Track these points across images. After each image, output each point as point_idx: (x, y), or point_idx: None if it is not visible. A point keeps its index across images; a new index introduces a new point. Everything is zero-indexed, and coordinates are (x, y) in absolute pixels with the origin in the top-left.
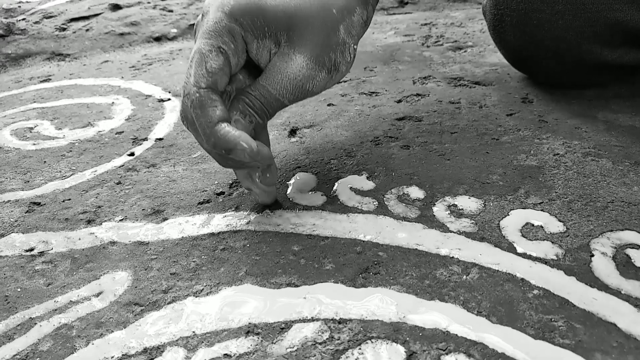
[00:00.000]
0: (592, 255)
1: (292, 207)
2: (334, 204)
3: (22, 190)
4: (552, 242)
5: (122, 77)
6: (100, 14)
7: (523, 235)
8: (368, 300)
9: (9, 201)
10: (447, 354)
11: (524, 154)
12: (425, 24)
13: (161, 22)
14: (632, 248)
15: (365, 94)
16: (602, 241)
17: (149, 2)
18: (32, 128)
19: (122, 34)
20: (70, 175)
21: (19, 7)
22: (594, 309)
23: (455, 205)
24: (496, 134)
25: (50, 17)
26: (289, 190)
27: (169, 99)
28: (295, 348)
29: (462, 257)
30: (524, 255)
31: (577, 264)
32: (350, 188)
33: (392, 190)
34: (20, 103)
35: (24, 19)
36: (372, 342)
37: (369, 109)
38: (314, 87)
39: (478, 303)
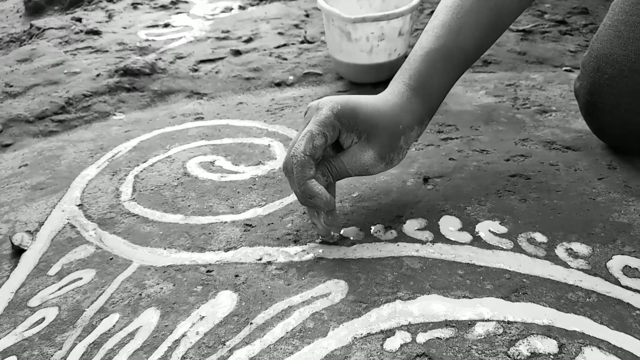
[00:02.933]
0: None
1: (446, 242)
2: (479, 242)
3: (232, 214)
4: None
5: (265, 121)
6: (224, 57)
7: (624, 274)
8: (523, 309)
9: (226, 222)
10: (585, 346)
11: (617, 212)
12: (510, 85)
13: (279, 69)
14: None
15: (477, 151)
16: None
17: (264, 50)
18: (213, 162)
19: (247, 79)
20: (265, 204)
21: (150, 45)
22: None
23: (572, 249)
24: (592, 195)
25: (182, 57)
26: (441, 227)
27: None
28: (482, 337)
29: (584, 286)
30: (626, 287)
31: None
32: (489, 231)
33: (522, 234)
34: (191, 139)
35: (160, 59)
36: (533, 336)
37: (485, 165)
38: (373, 172)
39: (600, 317)
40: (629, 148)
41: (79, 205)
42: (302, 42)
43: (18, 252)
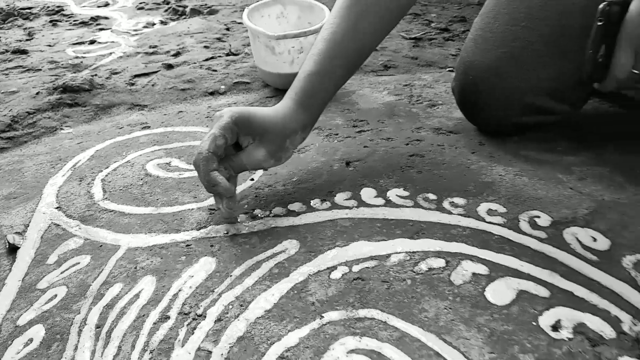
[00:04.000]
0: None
1: (367, 205)
2: (390, 203)
3: (196, 202)
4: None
5: (206, 126)
6: (158, 71)
7: (488, 214)
8: (422, 243)
9: (192, 209)
10: (463, 260)
11: (484, 175)
12: (406, 85)
13: (211, 79)
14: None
15: (384, 139)
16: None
17: (194, 63)
18: (169, 163)
19: (183, 89)
20: None
21: (81, 62)
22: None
23: (453, 202)
24: (467, 164)
25: (117, 73)
26: (363, 195)
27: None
28: (396, 263)
29: (462, 224)
30: (489, 223)
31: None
32: (396, 195)
33: (419, 195)
34: (144, 145)
35: (96, 75)
36: (429, 258)
37: (390, 149)
38: (265, 166)
39: (472, 242)
40: (492, 130)
41: (57, 207)
42: (227, 55)
43: (12, 250)
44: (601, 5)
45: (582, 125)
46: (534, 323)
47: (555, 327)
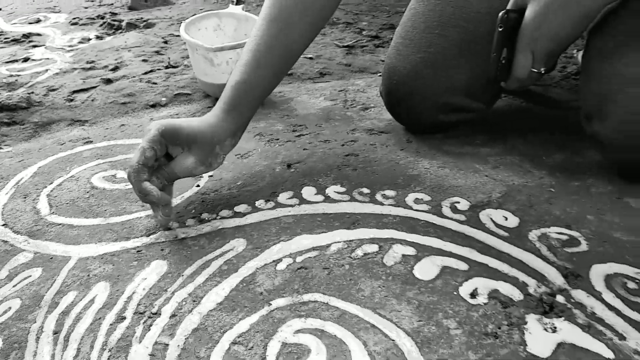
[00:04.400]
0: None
1: (308, 202)
2: (329, 199)
3: (144, 211)
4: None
5: None
6: (96, 86)
7: (415, 203)
8: (358, 233)
9: (141, 217)
10: (394, 244)
11: (411, 169)
12: (341, 90)
13: (151, 92)
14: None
15: (322, 141)
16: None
17: (134, 77)
18: (114, 175)
19: (124, 103)
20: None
21: (16, 80)
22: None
23: (385, 194)
24: (397, 160)
25: (54, 89)
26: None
27: None
28: (335, 251)
29: (392, 213)
30: (416, 210)
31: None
32: (334, 192)
33: (355, 190)
34: (88, 160)
35: (32, 92)
36: (364, 245)
37: (328, 150)
38: (196, 173)
39: (401, 228)
40: (418, 129)
41: (3, 225)
42: (167, 67)
43: None
44: (500, 14)
45: (496, 121)
46: (455, 293)
47: (473, 294)
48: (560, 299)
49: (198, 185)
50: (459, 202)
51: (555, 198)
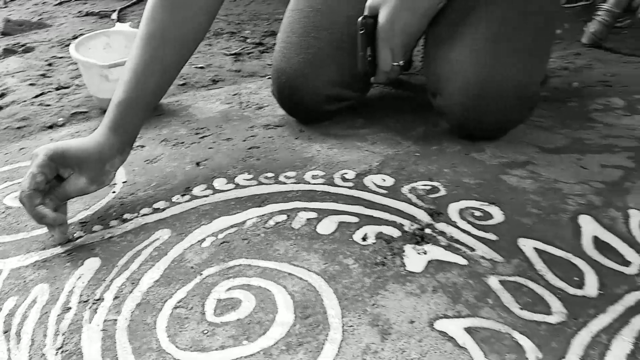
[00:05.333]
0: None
1: (221, 192)
2: (239, 186)
3: (68, 218)
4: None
5: None
6: None
7: (312, 178)
8: (268, 208)
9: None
10: (298, 212)
11: (305, 152)
12: (235, 94)
13: (46, 114)
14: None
15: (224, 140)
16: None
17: (24, 101)
18: None
19: (19, 127)
20: (89, 207)
21: None
22: None
23: (287, 175)
24: (293, 147)
25: None
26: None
27: None
28: (250, 225)
29: (294, 189)
30: (283, 184)
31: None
32: (243, 179)
33: (261, 176)
34: None
35: None
36: (274, 216)
37: (232, 146)
38: (88, 191)
39: (294, 197)
40: (308, 119)
41: None
42: (57, 89)
43: None
44: (359, 19)
45: (372, 106)
46: (350, 239)
47: (364, 238)
48: (428, 231)
49: (114, 192)
50: (347, 173)
51: (420, 160)
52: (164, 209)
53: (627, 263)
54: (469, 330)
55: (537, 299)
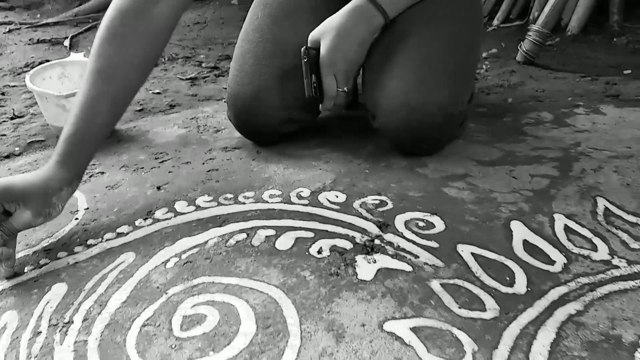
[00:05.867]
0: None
1: (182, 214)
2: (199, 208)
3: (29, 248)
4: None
5: None
6: None
7: (270, 197)
8: (228, 228)
9: (28, 254)
10: (259, 231)
11: (263, 172)
12: (192, 118)
13: (2, 144)
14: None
15: (184, 163)
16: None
17: None
18: None
19: None
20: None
21: None
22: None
23: (246, 195)
24: (251, 168)
25: None
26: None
27: None
28: (213, 245)
29: (252, 208)
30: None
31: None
32: (203, 201)
33: (220, 197)
34: None
35: None
36: (234, 236)
37: (191, 170)
38: (35, 224)
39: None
40: (264, 141)
41: None
42: (12, 118)
43: None
44: (302, 49)
45: (325, 127)
46: (307, 253)
47: (319, 251)
48: (377, 242)
49: (77, 219)
50: (302, 191)
51: (369, 176)
52: (127, 233)
53: (552, 262)
54: (414, 329)
55: (474, 298)
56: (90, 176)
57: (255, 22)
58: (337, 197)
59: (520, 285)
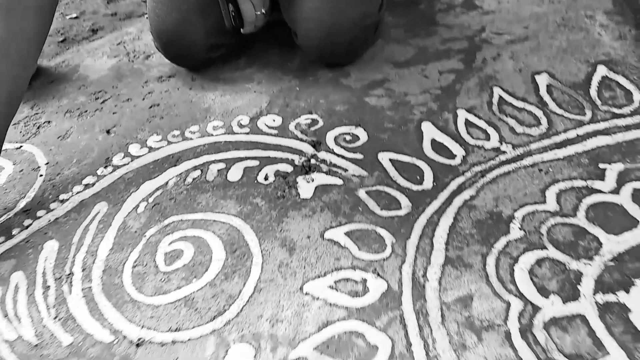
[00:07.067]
0: None
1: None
2: (153, 149)
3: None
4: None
5: None
6: None
7: (214, 129)
8: (177, 168)
9: (10, 216)
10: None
11: (203, 103)
12: (119, 44)
13: None
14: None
15: (124, 101)
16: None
17: None
18: None
19: None
20: None
21: None
22: None
23: (191, 130)
24: (189, 98)
25: None
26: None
27: None
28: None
29: (220, 141)
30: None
31: None
32: (154, 141)
33: (169, 134)
34: None
35: None
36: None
37: (134, 108)
38: None
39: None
40: (196, 67)
41: None
42: None
43: None
44: None
45: (251, 42)
46: (255, 181)
47: (266, 177)
48: (313, 161)
49: (41, 175)
50: (242, 119)
51: (300, 93)
52: (93, 184)
53: (453, 156)
54: (347, 233)
55: (392, 200)
56: (38, 127)
57: None
58: (274, 120)
59: (428, 181)
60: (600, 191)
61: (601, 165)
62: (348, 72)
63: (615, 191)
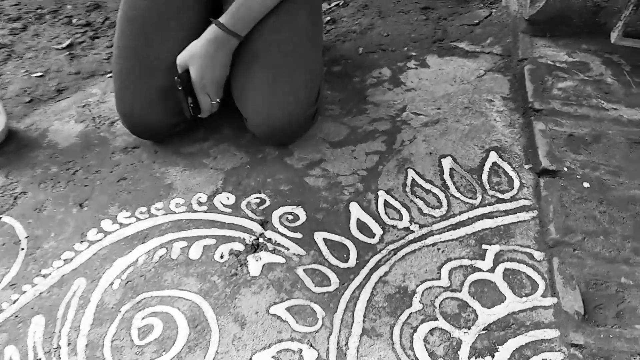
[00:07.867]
0: None
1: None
2: (124, 225)
3: None
4: None
5: None
6: None
7: (176, 207)
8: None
9: None
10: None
11: (166, 179)
12: (85, 106)
13: None
14: None
15: (94, 173)
16: None
17: None
18: None
19: None
20: None
21: None
22: None
23: (157, 207)
24: (154, 173)
25: None
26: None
27: None
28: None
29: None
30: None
31: None
32: (124, 217)
33: (137, 210)
34: None
35: None
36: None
37: (103, 180)
38: None
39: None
40: (158, 141)
41: None
42: None
43: None
44: (175, 78)
45: (208, 118)
46: (213, 259)
47: (221, 256)
48: (261, 240)
49: (23, 249)
50: (200, 197)
51: (251, 172)
52: (72, 259)
53: (373, 235)
54: (288, 309)
55: (324, 277)
56: (15, 198)
57: (125, 40)
58: (228, 199)
59: (352, 259)
60: (480, 270)
61: (484, 246)
62: (291, 151)
63: (492, 270)
